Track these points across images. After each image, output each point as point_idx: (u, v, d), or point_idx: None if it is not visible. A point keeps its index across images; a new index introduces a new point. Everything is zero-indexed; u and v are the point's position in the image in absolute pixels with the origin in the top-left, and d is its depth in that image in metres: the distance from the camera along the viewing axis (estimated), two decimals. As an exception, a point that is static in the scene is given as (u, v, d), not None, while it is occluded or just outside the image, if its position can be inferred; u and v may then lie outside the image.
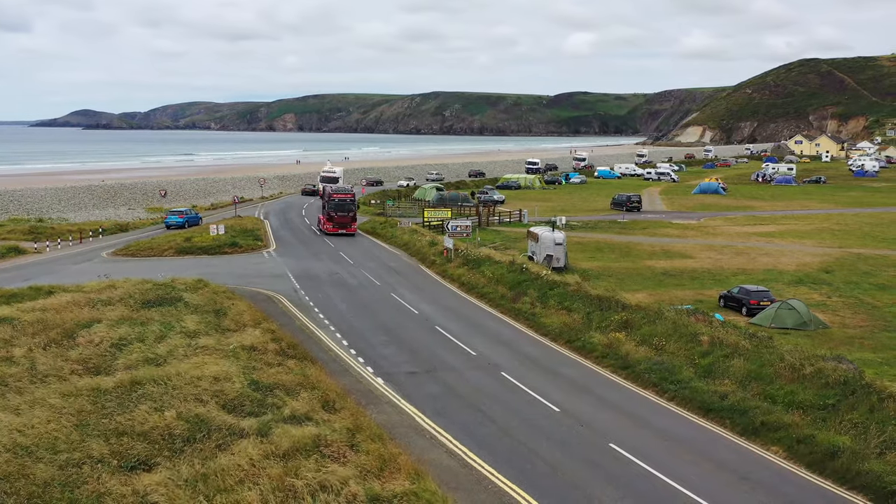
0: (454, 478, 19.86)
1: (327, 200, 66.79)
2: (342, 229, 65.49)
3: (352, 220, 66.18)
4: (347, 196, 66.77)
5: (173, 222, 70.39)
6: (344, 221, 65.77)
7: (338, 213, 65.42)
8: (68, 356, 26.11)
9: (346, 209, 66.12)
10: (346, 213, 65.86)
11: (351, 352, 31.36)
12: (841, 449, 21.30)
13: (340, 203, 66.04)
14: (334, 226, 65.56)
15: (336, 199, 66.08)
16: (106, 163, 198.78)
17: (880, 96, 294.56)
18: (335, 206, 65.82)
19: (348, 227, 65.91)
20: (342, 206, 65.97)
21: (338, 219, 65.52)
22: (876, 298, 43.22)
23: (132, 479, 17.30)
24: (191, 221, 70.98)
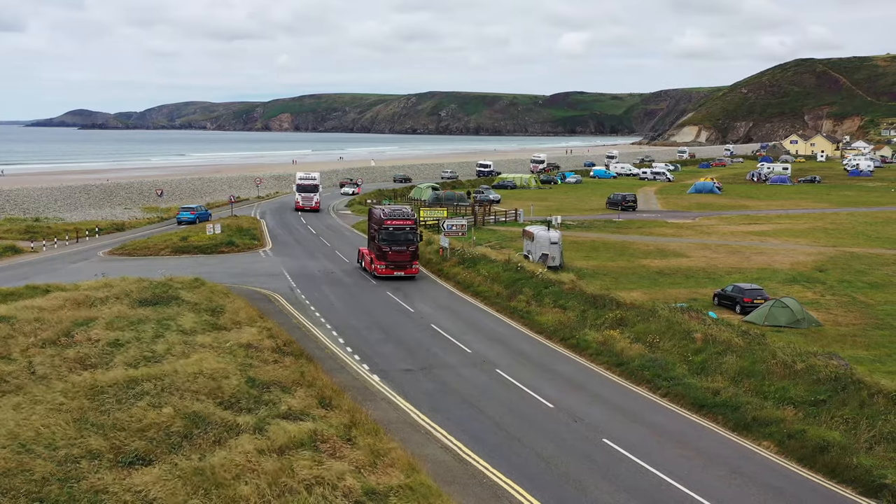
0: (449, 472, 20.07)
1: (378, 229, 46.60)
2: (399, 270, 46.38)
3: (413, 256, 46.86)
4: (406, 223, 46.78)
5: (185, 218, 73.60)
6: (402, 260, 46.42)
7: (393, 248, 46.13)
8: (65, 354, 26.23)
9: (404, 241, 46.48)
10: (405, 248, 46.47)
11: (347, 349, 31.55)
12: (831, 443, 21.55)
13: (397, 233, 46.18)
14: (388, 266, 46.12)
15: (390, 227, 46.04)
16: (102, 162, 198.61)
17: (875, 96, 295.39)
18: (389, 237, 46.02)
19: (408, 267, 46.68)
20: (400, 238, 46.26)
21: (393, 255, 46.19)
22: (869, 297, 43.50)
23: (130, 475, 17.46)
24: (201, 217, 74.14)
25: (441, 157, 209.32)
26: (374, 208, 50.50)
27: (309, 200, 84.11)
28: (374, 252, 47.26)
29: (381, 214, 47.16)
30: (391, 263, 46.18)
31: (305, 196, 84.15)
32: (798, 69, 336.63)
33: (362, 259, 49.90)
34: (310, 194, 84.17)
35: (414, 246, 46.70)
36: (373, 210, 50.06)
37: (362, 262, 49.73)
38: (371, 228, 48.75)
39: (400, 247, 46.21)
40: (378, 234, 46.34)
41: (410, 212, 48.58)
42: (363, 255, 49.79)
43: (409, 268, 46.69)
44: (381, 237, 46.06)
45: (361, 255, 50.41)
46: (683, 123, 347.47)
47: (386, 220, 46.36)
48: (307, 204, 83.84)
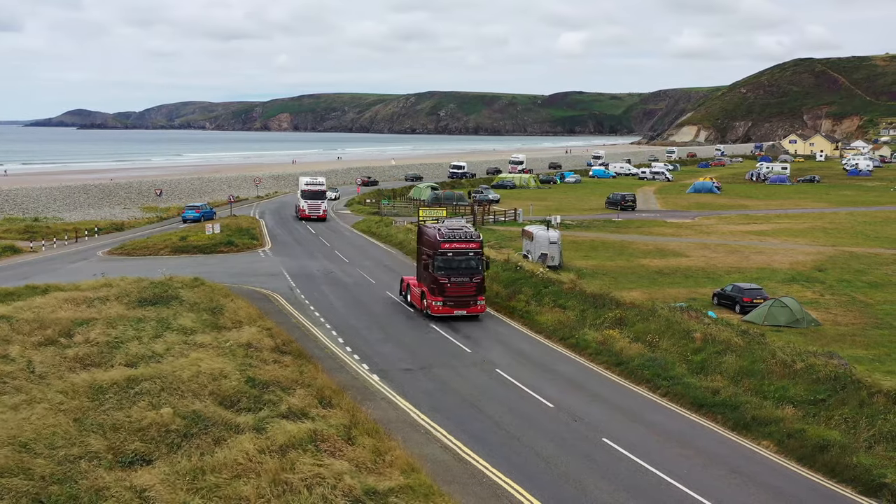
0: (449, 472, 20.07)
1: (432, 255, 36.83)
2: (461, 308, 36.65)
3: (478, 289, 36.94)
4: (469, 246, 37.06)
5: (190, 216, 75.11)
6: (464, 295, 36.70)
7: (453, 280, 36.46)
8: (65, 354, 26.22)
9: (467, 271, 36.86)
10: (468, 278, 36.74)
11: (347, 349, 31.55)
12: (831, 443, 21.56)
13: (457, 260, 36.74)
14: (446, 303, 36.48)
15: (448, 252, 36.59)
16: (101, 162, 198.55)
17: (874, 96, 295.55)
18: (447, 264, 36.54)
19: (471, 303, 36.84)
20: (461, 266, 36.79)
21: (453, 289, 36.50)
22: (868, 296, 43.52)
23: (130, 474, 17.46)
24: (206, 215, 75.35)
25: (447, 157, 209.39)
26: (426, 227, 39.71)
27: (316, 208, 75.65)
28: (425, 284, 37.36)
29: (435, 235, 37.14)
30: (450, 299, 36.31)
31: (312, 203, 75.58)
32: (797, 69, 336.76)
33: (407, 291, 40.20)
34: (317, 201, 75.79)
35: (479, 276, 36.84)
36: (424, 230, 39.41)
37: (408, 294, 40.11)
38: (422, 253, 38.63)
39: (461, 277, 36.41)
40: (432, 260, 36.50)
41: (474, 232, 38.10)
42: (409, 287, 40.15)
43: (472, 305, 36.63)
44: (436, 265, 36.30)
45: (406, 287, 40.49)
46: (682, 123, 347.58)
47: (443, 243, 36.48)
48: (314, 212, 75.54)
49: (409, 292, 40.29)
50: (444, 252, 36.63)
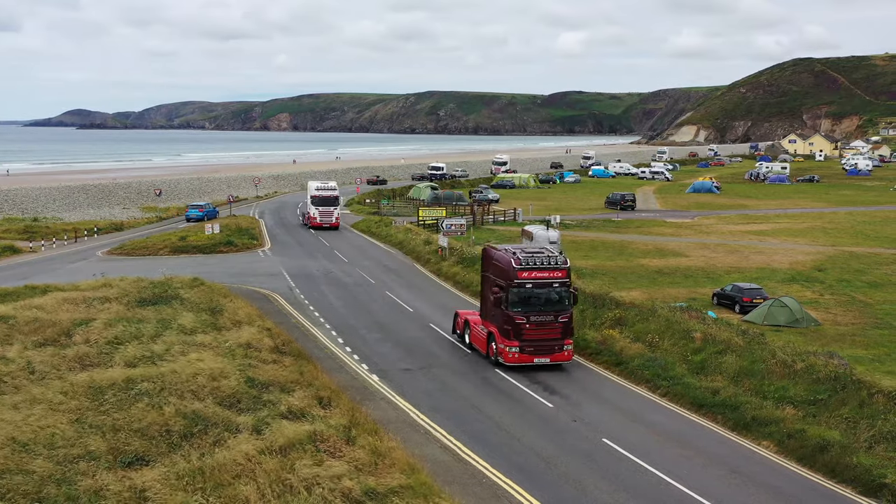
0: (449, 472, 20.06)
1: (505, 286, 29.35)
2: (543, 356, 29.30)
3: (564, 331, 29.60)
4: (554, 274, 29.59)
5: (193, 215, 75.52)
6: (548, 338, 29.40)
7: (533, 319, 29.17)
8: (64, 354, 26.20)
9: (551, 306, 29.58)
10: (553, 317, 29.46)
11: (346, 349, 31.53)
12: (831, 443, 21.54)
13: (538, 293, 29.40)
14: (524, 349, 29.14)
15: (527, 284, 29.19)
16: (100, 162, 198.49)
17: (874, 95, 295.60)
18: (526, 299, 29.34)
19: (556, 349, 29.48)
20: (543, 302, 29.52)
21: (533, 331, 29.20)
22: (868, 296, 43.52)
23: (129, 475, 17.44)
24: (209, 215, 75.61)
25: (449, 157, 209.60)
26: (495, 250, 31.42)
27: (328, 216, 69.68)
28: (494, 323, 29.75)
29: (509, 262, 29.44)
30: (529, 344, 28.92)
31: (324, 211, 69.58)
32: (796, 69, 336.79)
33: (466, 330, 32.54)
34: (329, 208, 69.75)
35: (566, 314, 29.40)
36: (492, 253, 31.29)
37: (466, 334, 32.47)
38: (489, 283, 30.75)
39: (544, 316, 29.11)
40: (505, 294, 29.12)
41: (559, 256, 30.41)
42: (467, 325, 32.45)
43: (557, 351, 29.27)
44: (511, 298, 29.00)
45: (464, 324, 32.84)
46: (682, 123, 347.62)
47: (520, 272, 28.98)
48: (326, 220, 69.54)
49: (466, 330, 32.58)
50: (522, 283, 28.92)
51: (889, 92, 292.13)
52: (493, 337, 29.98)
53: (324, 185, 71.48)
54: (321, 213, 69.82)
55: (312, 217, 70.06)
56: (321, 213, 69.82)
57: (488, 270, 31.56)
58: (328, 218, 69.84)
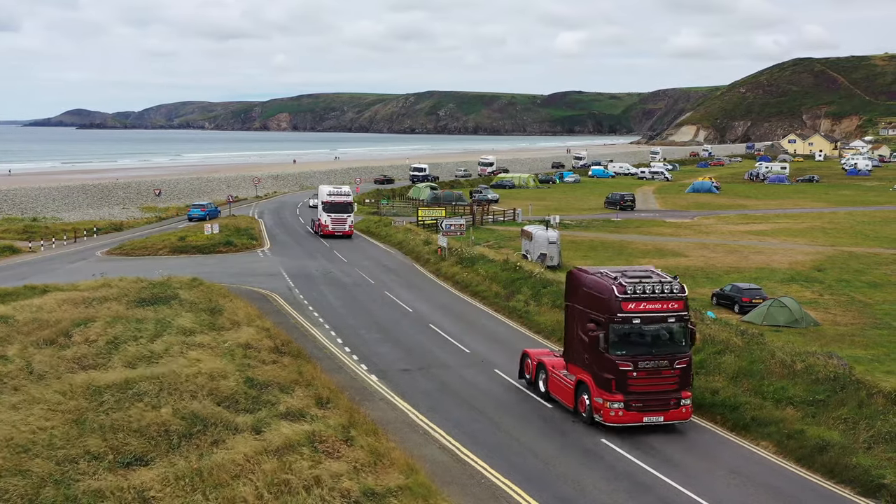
0: (447, 472, 20.05)
1: (604, 321, 23.02)
2: (655, 413, 23.24)
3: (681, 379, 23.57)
4: (670, 306, 23.27)
5: (196, 215, 76.14)
6: (661, 388, 23.31)
7: (642, 364, 23.07)
8: (64, 354, 26.22)
9: (666, 349, 23.40)
10: (667, 362, 23.24)
11: (345, 349, 31.52)
12: (830, 443, 21.52)
13: (651, 330, 23.26)
14: (631, 405, 22.99)
15: (634, 318, 22.92)
16: (100, 162, 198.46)
17: (873, 95, 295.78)
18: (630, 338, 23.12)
19: (671, 405, 23.42)
20: (655, 343, 23.39)
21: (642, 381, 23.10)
22: (867, 296, 43.51)
23: (128, 475, 17.44)
24: (211, 214, 76.59)
25: (454, 156, 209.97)
26: (586, 273, 24.48)
27: (341, 224, 64.71)
28: (587, 369, 23.47)
29: (611, 289, 22.82)
30: (637, 398, 22.76)
31: (336, 218, 64.54)
32: (796, 69, 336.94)
33: (538, 374, 26.49)
34: (342, 215, 64.76)
35: (684, 358, 23.37)
36: (583, 277, 24.39)
37: (541, 381, 26.28)
38: (578, 316, 24.26)
39: (656, 360, 22.93)
40: (605, 330, 22.73)
41: (673, 281, 23.51)
42: (543, 369, 26.25)
43: (673, 407, 23.16)
44: (612, 338, 22.75)
45: (537, 368, 26.64)
46: (681, 123, 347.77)
47: (625, 302, 22.63)
48: (339, 228, 64.65)
49: (541, 375, 26.22)
50: (628, 318, 22.56)
51: (889, 92, 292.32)
52: (586, 388, 23.36)
53: (336, 191, 66.01)
54: (333, 220, 64.61)
55: (324, 225, 64.83)
56: (333, 221, 64.62)
57: (576, 299, 24.71)
58: (341, 226, 64.78)
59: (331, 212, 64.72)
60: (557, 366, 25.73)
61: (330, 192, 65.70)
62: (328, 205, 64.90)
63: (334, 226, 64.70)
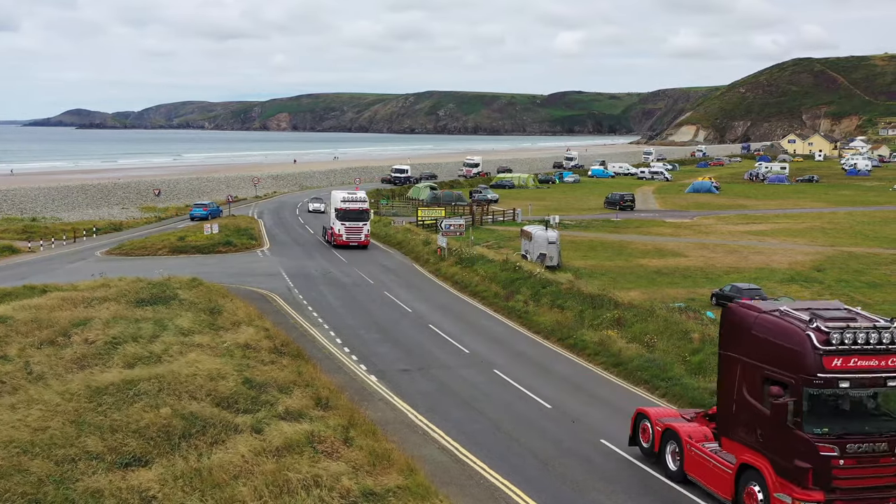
0: (447, 473, 20.04)
1: (795, 385, 16.30)
2: None
3: None
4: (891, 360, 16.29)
5: (198, 214, 76.79)
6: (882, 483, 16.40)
7: (852, 447, 16.18)
8: (63, 354, 26.18)
9: (887, 426, 16.52)
10: (888, 445, 16.29)
11: (345, 350, 31.51)
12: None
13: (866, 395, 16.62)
14: None
15: (841, 380, 16.15)
16: (99, 162, 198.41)
17: (873, 95, 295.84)
18: (838, 408, 16.63)
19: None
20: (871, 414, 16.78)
21: (849, 472, 16.11)
22: (867, 296, 43.50)
23: (127, 476, 17.42)
24: (213, 213, 77.36)
25: (458, 156, 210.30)
26: (757, 312, 18.00)
27: (356, 233, 59.28)
28: (764, 452, 17.27)
29: (805, 338, 16.48)
30: (848, 498, 16.40)
31: (351, 227, 59.18)
32: (796, 69, 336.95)
33: (667, 444, 20.38)
34: (357, 223, 59.31)
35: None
36: (751, 316, 18.01)
37: (668, 452, 20.31)
38: (746, 373, 17.98)
39: (874, 442, 16.57)
40: (796, 398, 16.52)
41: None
42: (674, 438, 20.12)
43: None
44: (807, 408, 16.50)
45: (664, 435, 20.48)
46: (681, 123, 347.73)
47: (827, 357, 16.34)
48: (354, 238, 59.17)
49: (670, 447, 20.18)
50: (833, 380, 16.35)
51: (888, 92, 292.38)
52: (759, 477, 17.07)
53: (351, 197, 60.25)
54: (348, 229, 59.10)
55: (337, 234, 59.24)
56: (348, 230, 59.11)
57: (741, 348, 18.14)
58: (356, 235, 59.16)
59: (345, 220, 59.22)
60: (698, 437, 19.45)
61: (344, 199, 59.76)
62: (342, 212, 59.29)
63: (349, 235, 59.19)
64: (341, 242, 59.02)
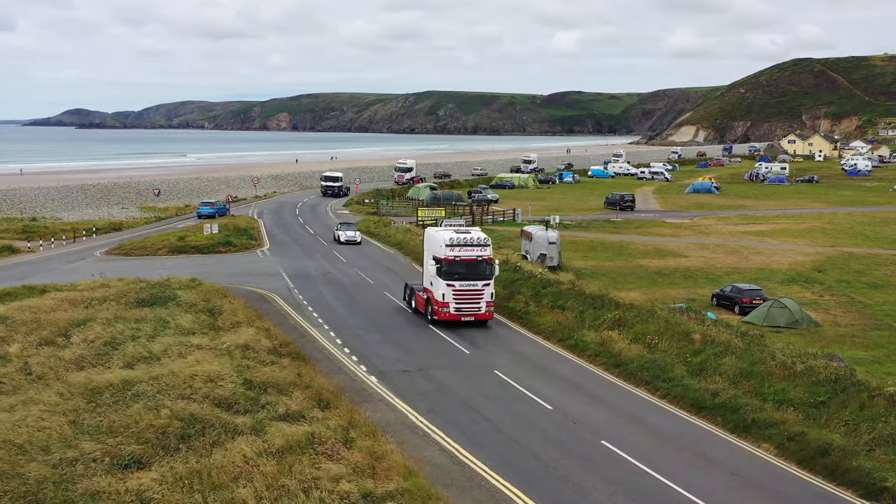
0: (447, 475, 19.96)
1: None
2: None
3: None
4: None
5: (205, 212, 77.62)
6: None
7: None
8: (62, 355, 26.13)
9: None
10: None
11: (345, 350, 31.42)
12: (831, 446, 21.45)
13: None
14: None
15: None
16: (99, 161, 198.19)
17: (873, 96, 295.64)
18: None
19: None
20: None
21: None
22: (867, 297, 43.42)
23: (126, 477, 17.35)
24: (220, 212, 78.35)
25: (453, 157, 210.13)
26: None
27: (474, 300, 35.57)
28: None
29: None
30: None
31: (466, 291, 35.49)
32: (796, 69, 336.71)
33: None
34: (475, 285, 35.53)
35: None
36: None
37: None
38: None
39: None
40: None
41: None
42: None
43: None
44: None
45: None
46: (681, 123, 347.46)
47: None
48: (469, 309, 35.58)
49: None
50: None
51: (888, 92, 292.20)
52: None
53: (464, 238, 35.86)
54: (460, 295, 35.31)
55: (440, 302, 35.23)
56: (460, 297, 35.33)
57: None
58: (473, 304, 35.50)
59: (453, 277, 35.12)
60: None
61: (452, 241, 35.59)
62: (449, 265, 35.27)
63: (461, 305, 35.30)
64: (447, 317, 35.29)
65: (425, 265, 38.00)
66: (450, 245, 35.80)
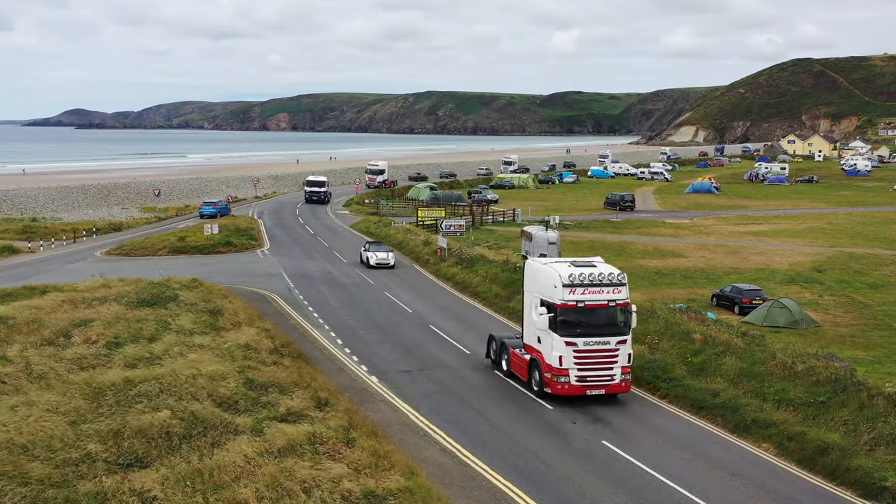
0: (448, 475, 20.00)
1: None
2: None
3: None
4: None
5: (207, 212, 77.87)
6: None
7: None
8: (63, 355, 26.13)
9: None
10: None
11: (345, 350, 31.47)
12: (831, 446, 21.49)
13: None
14: None
15: None
16: (99, 162, 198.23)
17: (872, 96, 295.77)
18: None
19: None
20: None
21: None
22: (867, 297, 43.48)
23: (128, 477, 17.37)
24: (222, 211, 78.88)
25: (452, 157, 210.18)
26: None
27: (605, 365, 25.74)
28: None
29: None
30: None
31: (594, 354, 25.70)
32: (795, 69, 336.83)
33: None
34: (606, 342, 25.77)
35: None
36: None
37: None
38: None
39: None
40: None
41: None
42: None
43: None
44: None
45: None
46: (681, 123, 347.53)
47: None
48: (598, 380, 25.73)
49: None
50: None
51: (888, 92, 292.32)
52: None
53: (587, 271, 26.23)
54: (585, 359, 25.78)
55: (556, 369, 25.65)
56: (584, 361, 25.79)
57: None
58: (604, 372, 25.91)
59: (575, 333, 25.70)
60: None
61: (575, 277, 25.90)
62: (573, 313, 25.73)
63: (588, 372, 25.83)
64: (566, 391, 25.78)
65: (527, 313, 27.84)
66: (569, 285, 25.56)
